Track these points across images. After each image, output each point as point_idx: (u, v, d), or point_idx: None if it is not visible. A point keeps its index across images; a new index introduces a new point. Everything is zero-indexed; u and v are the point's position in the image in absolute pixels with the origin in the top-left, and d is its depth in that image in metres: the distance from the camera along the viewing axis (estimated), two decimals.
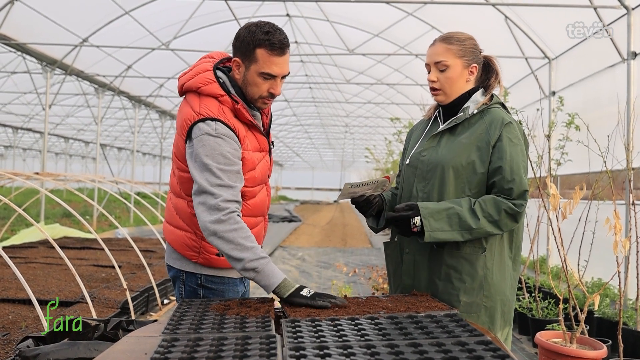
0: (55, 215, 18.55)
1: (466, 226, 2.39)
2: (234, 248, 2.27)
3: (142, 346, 1.87)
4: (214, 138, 2.34)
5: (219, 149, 2.34)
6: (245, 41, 2.41)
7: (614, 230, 3.78)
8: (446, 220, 2.40)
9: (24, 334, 4.97)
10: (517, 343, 5.89)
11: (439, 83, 2.59)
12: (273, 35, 2.38)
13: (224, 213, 2.29)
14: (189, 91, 2.49)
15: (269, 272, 2.28)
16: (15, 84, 17.45)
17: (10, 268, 4.83)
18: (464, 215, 2.39)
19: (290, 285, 2.28)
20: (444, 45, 2.57)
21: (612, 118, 5.67)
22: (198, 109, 2.39)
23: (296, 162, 58.41)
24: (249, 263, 2.26)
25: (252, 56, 2.40)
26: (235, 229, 2.28)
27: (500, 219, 2.41)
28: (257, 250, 2.29)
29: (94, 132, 26.99)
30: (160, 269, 8.29)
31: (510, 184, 2.42)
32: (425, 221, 2.39)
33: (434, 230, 2.39)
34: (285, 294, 2.27)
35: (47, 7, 11.08)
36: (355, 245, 14.95)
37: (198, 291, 2.58)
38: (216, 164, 2.32)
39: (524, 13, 9.07)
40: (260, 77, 2.42)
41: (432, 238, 2.40)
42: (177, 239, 2.57)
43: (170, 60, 15.14)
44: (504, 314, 2.54)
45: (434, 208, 2.42)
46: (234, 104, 2.43)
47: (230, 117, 2.41)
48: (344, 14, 13.18)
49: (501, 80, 2.69)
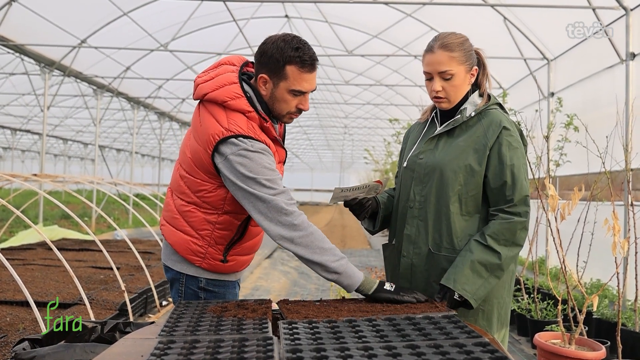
0: (54, 216, 18.54)
1: (494, 267, 2.39)
2: (314, 252, 2.26)
3: (139, 348, 1.86)
4: (253, 153, 2.29)
5: (261, 162, 2.30)
6: (274, 57, 2.33)
7: (612, 231, 3.78)
8: (475, 276, 2.38)
9: (21, 336, 4.96)
10: (516, 344, 5.88)
11: (444, 92, 2.52)
12: (303, 51, 2.33)
13: (294, 217, 2.27)
14: (212, 102, 2.41)
15: (351, 272, 2.28)
16: (14, 85, 17.44)
17: (8, 270, 4.81)
18: (486, 259, 2.39)
19: (372, 281, 2.29)
20: (446, 54, 2.48)
21: (610, 119, 5.67)
22: (227, 125, 2.33)
23: (295, 163, 58.36)
24: (332, 264, 2.26)
25: (281, 73, 2.34)
26: (311, 232, 2.28)
27: (513, 237, 2.42)
28: (335, 252, 2.29)
29: (92, 134, 27.02)
30: (158, 270, 8.28)
31: (513, 192, 2.42)
32: (463, 292, 2.35)
33: (474, 293, 2.37)
34: (371, 290, 2.28)
35: (45, 8, 11.07)
36: (354, 247, 14.95)
37: (199, 294, 2.56)
38: (263, 176, 2.29)
39: (523, 14, 9.08)
40: (290, 94, 2.38)
41: (479, 299, 2.39)
42: (181, 243, 2.52)
43: (169, 62, 15.15)
44: (501, 316, 2.54)
45: (459, 273, 2.38)
46: (263, 121, 2.39)
47: (259, 133, 2.38)
48: (343, 15, 13.18)
49: (489, 73, 2.64)
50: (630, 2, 6.78)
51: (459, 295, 2.35)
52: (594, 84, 8.11)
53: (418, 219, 2.56)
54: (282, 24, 14.52)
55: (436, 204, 2.52)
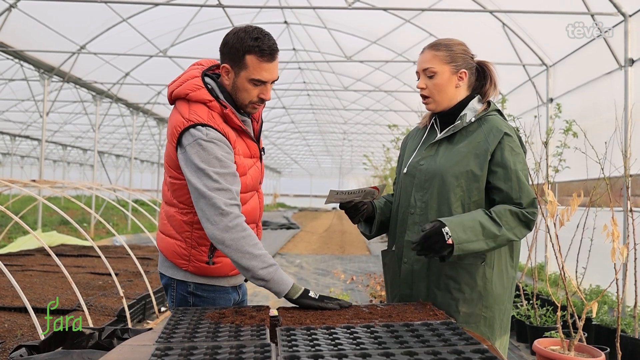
0: (53, 222, 18.52)
1: (490, 234, 2.35)
2: (243, 257, 2.27)
3: (136, 355, 1.85)
4: (206, 143, 2.33)
5: (213, 153, 2.33)
6: (234, 47, 2.39)
7: (611, 237, 3.78)
8: (472, 230, 2.34)
9: (19, 343, 4.94)
10: (515, 350, 5.87)
11: (427, 90, 2.57)
12: (262, 41, 2.37)
13: (229, 220, 2.28)
14: (178, 98, 2.48)
15: (279, 280, 2.29)
16: (13, 91, 17.45)
17: (6, 276, 4.80)
18: (487, 224, 2.36)
19: (298, 288, 2.32)
20: (432, 52, 2.56)
21: (609, 125, 5.67)
22: (188, 115, 2.38)
23: (294, 169, 58.44)
24: (258, 271, 2.27)
25: (241, 63, 2.39)
26: (243, 237, 2.28)
27: (515, 227, 2.39)
28: (265, 258, 2.29)
29: (91, 140, 27.02)
30: (157, 276, 8.26)
31: (520, 195, 2.41)
32: (453, 233, 2.30)
33: (462, 242, 2.31)
34: (295, 296, 2.30)
35: (44, 14, 11.08)
36: (353, 253, 14.93)
37: (188, 299, 2.56)
38: (212, 167, 2.31)
39: (522, 20, 9.09)
40: (250, 83, 2.41)
41: (461, 250, 2.32)
42: (168, 247, 2.56)
43: (168, 68, 15.15)
44: (503, 323, 2.53)
45: (458, 221, 2.35)
46: (223, 109, 2.42)
47: (219, 123, 2.41)
48: (342, 21, 13.20)
49: (497, 85, 2.66)
50: (629, 8, 6.79)
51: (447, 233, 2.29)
52: (592, 90, 8.11)
53: (419, 225, 2.55)
54: (281, 30, 14.54)
55: (438, 210, 2.51)
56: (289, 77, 19.22)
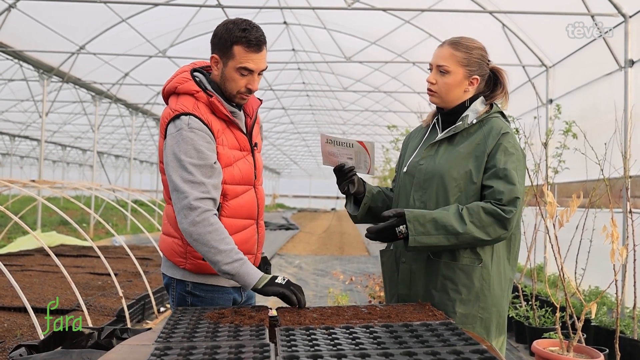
0: (52, 223, 18.51)
1: (452, 230, 2.35)
2: (209, 251, 2.31)
3: (135, 355, 1.85)
4: (187, 133, 2.37)
5: (191, 143, 2.36)
6: (222, 38, 2.45)
7: (611, 238, 3.78)
8: (432, 224, 2.36)
9: (18, 342, 4.94)
10: (514, 351, 5.87)
11: (436, 86, 2.56)
12: (250, 32, 2.43)
13: (197, 214, 2.31)
14: (170, 94, 2.54)
15: (244, 274, 2.31)
16: (12, 91, 17.44)
17: (5, 276, 4.80)
18: (449, 219, 2.36)
19: (265, 277, 2.33)
20: (450, 50, 2.54)
21: (609, 126, 5.67)
22: (174, 106, 2.45)
23: (293, 169, 58.43)
24: (223, 266, 2.30)
25: (229, 53, 2.44)
26: (209, 232, 2.31)
27: (487, 225, 2.36)
28: (231, 253, 2.31)
29: (91, 140, 26.99)
30: (156, 276, 8.26)
31: (502, 190, 2.38)
32: (410, 225, 2.35)
33: (418, 234, 2.35)
34: (260, 285, 2.31)
35: (44, 14, 11.08)
36: (352, 253, 14.93)
37: (187, 298, 2.56)
38: (189, 158, 2.35)
39: (522, 21, 9.10)
40: (237, 72, 2.45)
41: (417, 242, 2.35)
42: (168, 246, 2.58)
43: (167, 68, 15.11)
44: (499, 324, 2.53)
45: (419, 213, 2.39)
46: (208, 97, 2.46)
47: (205, 112, 2.45)
48: (341, 22, 13.20)
49: (508, 94, 2.65)
50: (629, 9, 6.80)
51: (405, 229, 2.37)
52: (592, 91, 8.12)
53: None
54: (281, 30, 14.54)
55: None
56: (288, 78, 19.22)
